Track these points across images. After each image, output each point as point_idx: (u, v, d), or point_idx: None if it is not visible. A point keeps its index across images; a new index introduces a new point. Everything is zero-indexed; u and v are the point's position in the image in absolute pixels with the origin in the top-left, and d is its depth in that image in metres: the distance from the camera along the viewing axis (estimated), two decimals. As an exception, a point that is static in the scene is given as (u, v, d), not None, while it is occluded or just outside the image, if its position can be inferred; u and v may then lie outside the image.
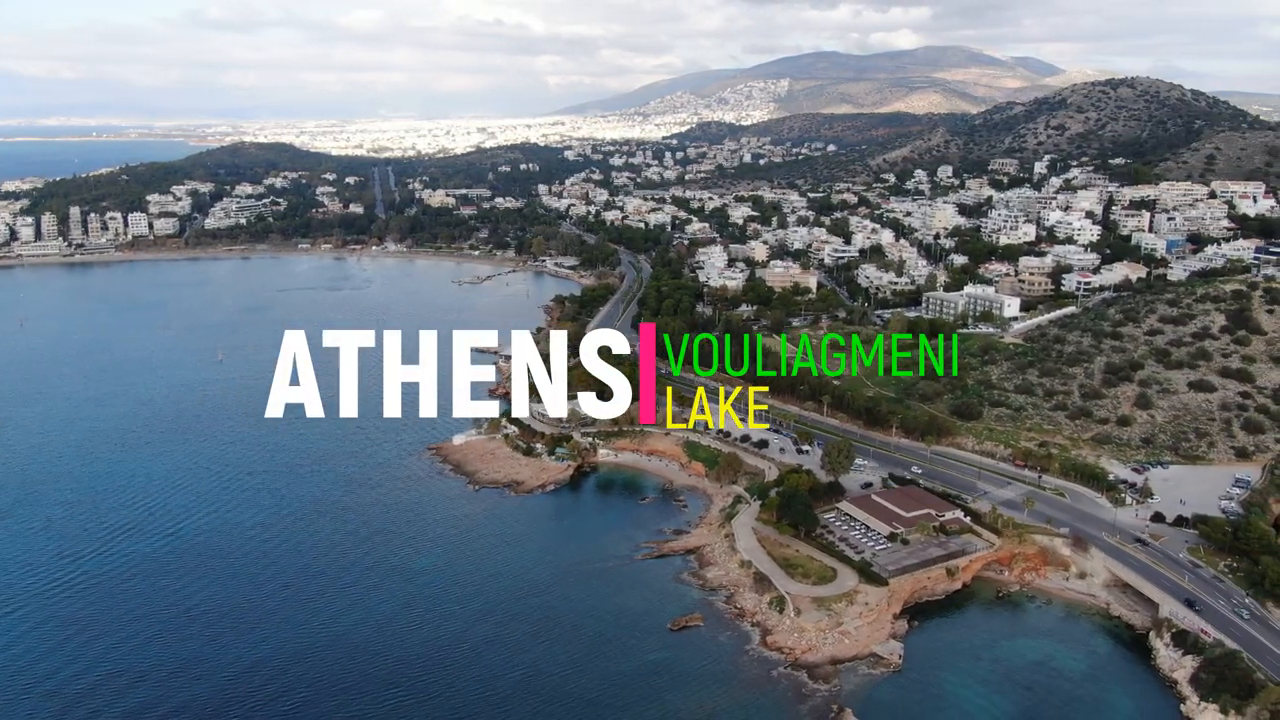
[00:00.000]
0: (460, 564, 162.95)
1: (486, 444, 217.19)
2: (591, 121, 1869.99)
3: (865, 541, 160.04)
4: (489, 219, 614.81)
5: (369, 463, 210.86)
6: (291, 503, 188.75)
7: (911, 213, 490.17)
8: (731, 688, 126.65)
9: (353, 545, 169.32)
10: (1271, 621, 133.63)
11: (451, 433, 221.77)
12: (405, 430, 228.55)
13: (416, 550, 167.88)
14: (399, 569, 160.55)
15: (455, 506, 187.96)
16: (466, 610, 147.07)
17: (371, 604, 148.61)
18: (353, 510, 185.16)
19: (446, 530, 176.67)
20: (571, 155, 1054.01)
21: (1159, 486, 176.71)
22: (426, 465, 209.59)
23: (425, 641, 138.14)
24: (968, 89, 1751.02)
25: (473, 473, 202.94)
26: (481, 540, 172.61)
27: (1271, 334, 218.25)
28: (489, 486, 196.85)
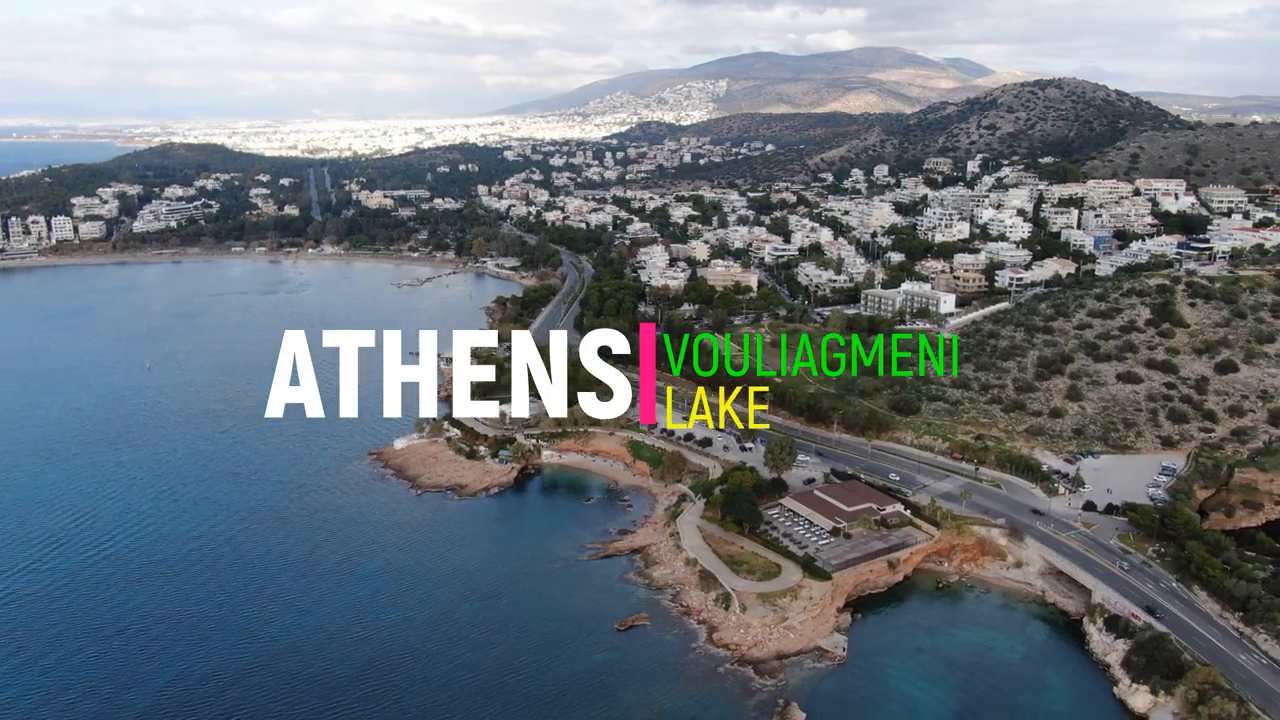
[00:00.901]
0: (405, 570, 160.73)
1: (428, 448, 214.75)
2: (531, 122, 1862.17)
3: (809, 537, 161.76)
4: (428, 220, 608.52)
5: (309, 469, 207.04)
6: (229, 512, 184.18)
7: (849, 211, 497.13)
8: (679, 685, 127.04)
9: (294, 554, 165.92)
10: (1197, 604, 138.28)
11: (392, 437, 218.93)
12: (345, 435, 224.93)
13: (360, 558, 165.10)
14: (342, 578, 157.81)
15: (398, 512, 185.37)
16: (412, 617, 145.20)
17: (315, 614, 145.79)
18: (293, 518, 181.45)
19: (390, 536, 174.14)
20: (511, 156, 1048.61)
21: (1090, 476, 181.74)
22: (367, 470, 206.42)
23: (371, 650, 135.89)
24: (902, 89, 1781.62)
25: (415, 477, 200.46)
26: (426, 545, 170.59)
27: (1194, 326, 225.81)
28: (432, 491, 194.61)
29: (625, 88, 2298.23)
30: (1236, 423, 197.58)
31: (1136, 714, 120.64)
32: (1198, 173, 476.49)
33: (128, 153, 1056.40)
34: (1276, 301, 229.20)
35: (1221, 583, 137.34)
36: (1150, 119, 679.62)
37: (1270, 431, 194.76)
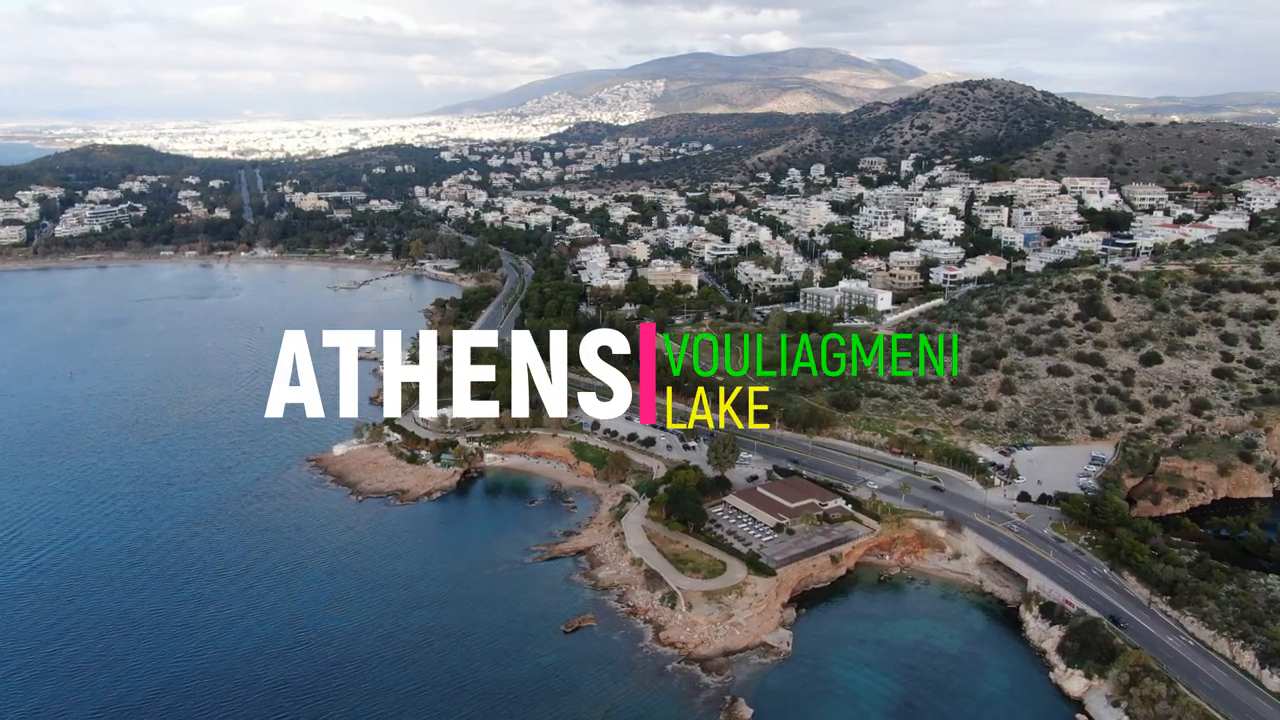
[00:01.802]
0: (345, 578, 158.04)
1: (368, 453, 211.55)
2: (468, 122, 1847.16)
3: (753, 533, 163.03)
4: (364, 222, 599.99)
5: (244, 478, 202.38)
6: (161, 524, 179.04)
7: (787, 210, 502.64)
8: (626, 685, 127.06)
9: (232, 565, 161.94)
10: (1127, 589, 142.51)
11: (331, 442, 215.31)
12: (283, 442, 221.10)
13: (298, 567, 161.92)
14: (280, 587, 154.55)
15: (338, 519, 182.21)
16: (354, 625, 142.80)
17: (250, 626, 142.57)
18: (228, 529, 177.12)
19: (329, 544, 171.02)
20: (449, 156, 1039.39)
21: (1024, 467, 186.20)
22: (306, 477, 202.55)
23: (312, 660, 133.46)
24: (837, 90, 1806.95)
25: (355, 483, 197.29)
26: (367, 552, 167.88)
27: (1119, 320, 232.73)
28: (373, 497, 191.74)
29: (563, 88, 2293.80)
30: (1161, 413, 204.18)
31: (1072, 698, 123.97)
32: (1120, 171, 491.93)
33: (48, 154, 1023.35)
34: (1197, 295, 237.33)
35: (1150, 568, 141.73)
36: (1075, 119, 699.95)
37: (1193, 421, 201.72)
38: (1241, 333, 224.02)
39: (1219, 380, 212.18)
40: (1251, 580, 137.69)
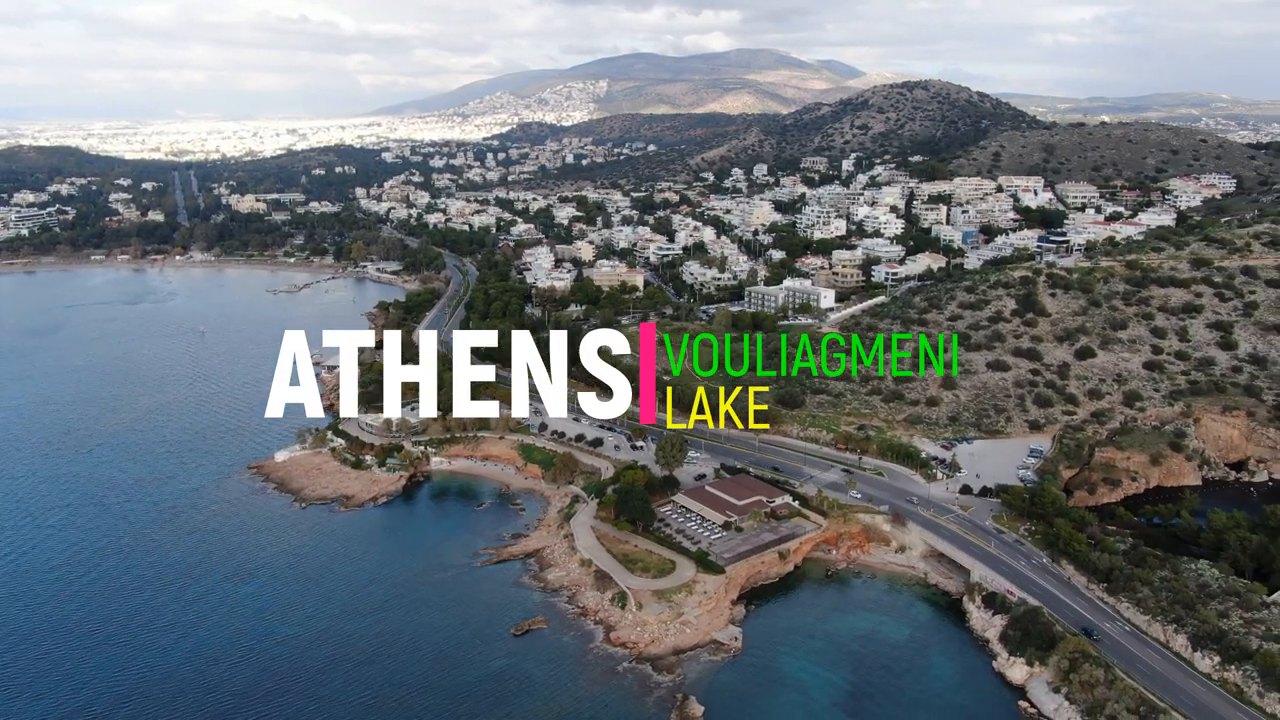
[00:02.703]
0: (290, 588, 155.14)
1: (312, 459, 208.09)
2: (409, 122, 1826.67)
3: (701, 532, 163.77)
4: (304, 224, 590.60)
5: (183, 487, 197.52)
6: (97, 538, 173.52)
7: (731, 210, 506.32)
8: (578, 687, 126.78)
9: (170, 578, 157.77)
10: (1066, 577, 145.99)
11: (273, 449, 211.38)
12: (222, 449, 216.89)
13: (242, 577, 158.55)
14: (222, 598, 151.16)
15: (281, 527, 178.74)
16: (299, 635, 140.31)
17: (191, 638, 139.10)
18: (167, 541, 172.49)
19: (273, 553, 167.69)
20: (390, 157, 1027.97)
21: (965, 461, 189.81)
22: (247, 485, 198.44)
23: (256, 671, 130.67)
24: (778, 90, 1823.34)
25: (298, 490, 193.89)
26: (311, 560, 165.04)
27: (1055, 316, 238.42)
28: (317, 503, 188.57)
29: (505, 88, 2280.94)
30: (1095, 405, 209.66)
31: (1014, 685, 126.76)
32: (1054, 170, 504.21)
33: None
34: (1127, 291, 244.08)
35: (1087, 556, 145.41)
36: (1010, 119, 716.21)
37: (1125, 412, 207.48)
38: (1170, 326, 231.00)
39: (1149, 373, 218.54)
40: (1183, 566, 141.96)
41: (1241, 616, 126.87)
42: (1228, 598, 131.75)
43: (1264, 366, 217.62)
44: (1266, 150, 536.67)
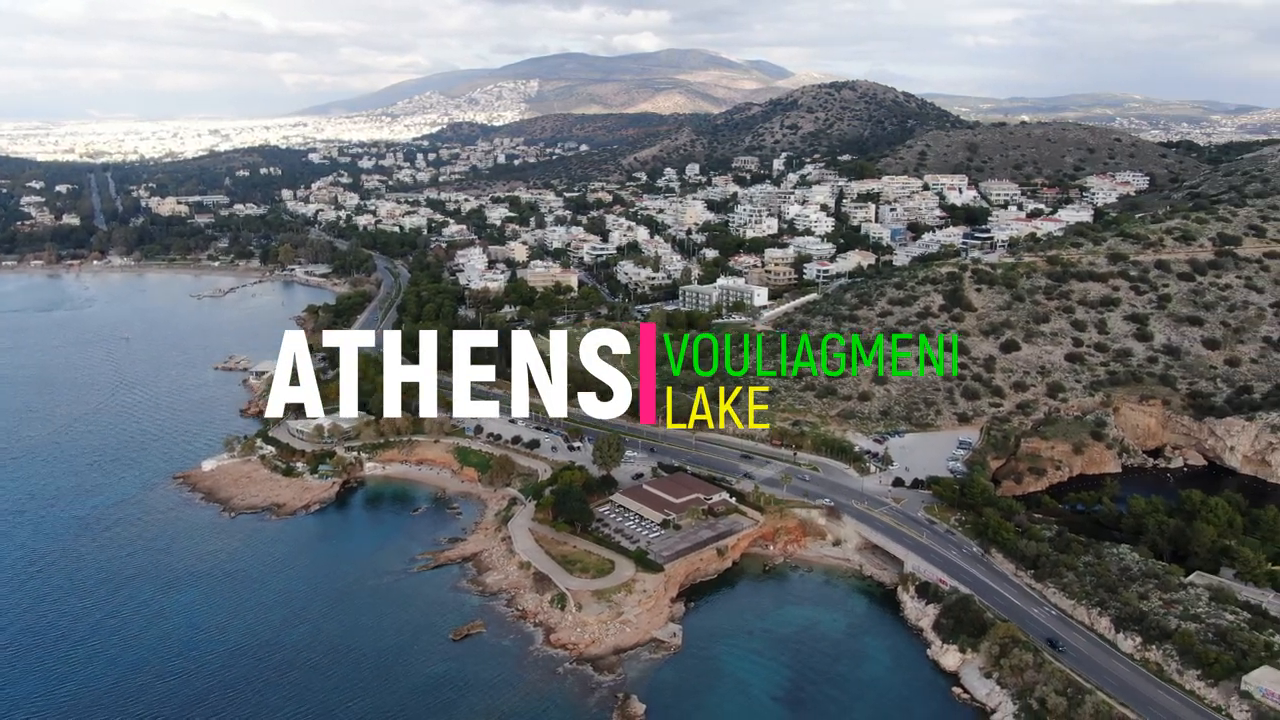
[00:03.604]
0: (219, 599, 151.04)
1: (241, 467, 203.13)
2: (336, 122, 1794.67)
3: (640, 531, 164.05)
4: (229, 227, 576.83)
5: (106, 499, 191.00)
6: (14, 553, 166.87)
7: (664, 209, 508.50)
8: (518, 690, 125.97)
9: (96, 594, 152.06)
10: (995, 565, 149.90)
11: (199, 458, 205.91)
12: (146, 460, 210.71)
13: (171, 590, 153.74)
14: (148, 613, 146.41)
15: (209, 538, 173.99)
16: (229, 647, 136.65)
17: (115, 655, 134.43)
18: (90, 555, 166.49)
19: (201, 564, 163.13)
20: (317, 158, 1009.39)
21: (897, 454, 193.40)
22: (173, 496, 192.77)
23: (183, 687, 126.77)
24: (709, 90, 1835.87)
25: (227, 499, 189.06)
26: (242, 571, 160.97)
27: (981, 310, 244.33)
28: (246, 512, 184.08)
29: (435, 88, 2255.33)
30: (1020, 397, 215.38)
31: (948, 672, 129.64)
32: (977, 168, 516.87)
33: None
34: (1049, 285, 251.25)
35: (1015, 544, 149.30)
36: (935, 119, 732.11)
37: (1049, 403, 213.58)
38: (1090, 319, 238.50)
39: (1071, 364, 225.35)
40: (1105, 551, 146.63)
41: (1160, 598, 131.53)
42: (1147, 580, 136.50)
43: (1178, 357, 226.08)
44: (1176, 149, 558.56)
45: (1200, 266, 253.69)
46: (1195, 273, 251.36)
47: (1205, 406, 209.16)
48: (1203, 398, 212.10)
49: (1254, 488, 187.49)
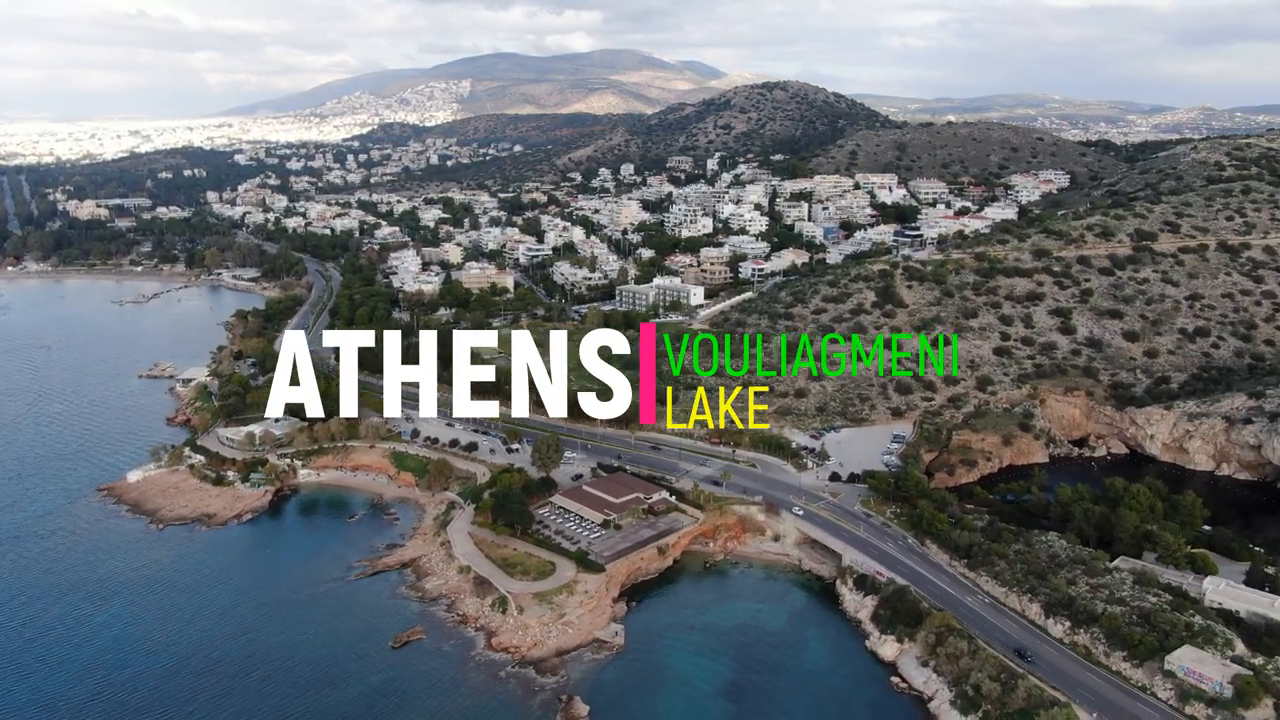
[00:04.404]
0: (149, 615, 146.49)
1: (168, 477, 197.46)
2: (263, 123, 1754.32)
3: (580, 532, 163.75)
4: (152, 230, 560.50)
5: (26, 514, 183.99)
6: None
7: (599, 210, 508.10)
8: (460, 696, 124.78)
9: (13, 614, 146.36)
10: (930, 556, 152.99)
11: (124, 469, 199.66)
12: (68, 472, 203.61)
13: (94, 606, 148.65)
14: (73, 632, 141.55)
15: (137, 551, 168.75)
16: (159, 664, 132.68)
17: (38, 678, 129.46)
18: (8, 572, 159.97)
19: (129, 579, 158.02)
20: (243, 159, 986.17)
21: (833, 449, 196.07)
22: (98, 509, 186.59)
23: (113, 709, 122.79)
24: (642, 90, 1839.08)
25: (154, 511, 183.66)
26: (172, 584, 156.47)
27: (912, 306, 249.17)
28: (175, 524, 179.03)
29: (364, 88, 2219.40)
30: (951, 391, 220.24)
31: (886, 662, 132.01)
32: (906, 167, 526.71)
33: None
34: (977, 281, 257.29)
35: (948, 535, 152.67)
36: (864, 119, 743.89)
37: (979, 396, 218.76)
38: (1016, 314, 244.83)
39: (999, 358, 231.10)
40: (1035, 539, 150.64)
41: (1087, 583, 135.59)
42: (1075, 566, 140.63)
43: (1100, 349, 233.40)
44: (1095, 148, 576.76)
45: (1119, 261, 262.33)
46: (1115, 267, 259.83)
47: (1126, 397, 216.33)
48: (1124, 388, 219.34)
49: (1173, 474, 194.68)
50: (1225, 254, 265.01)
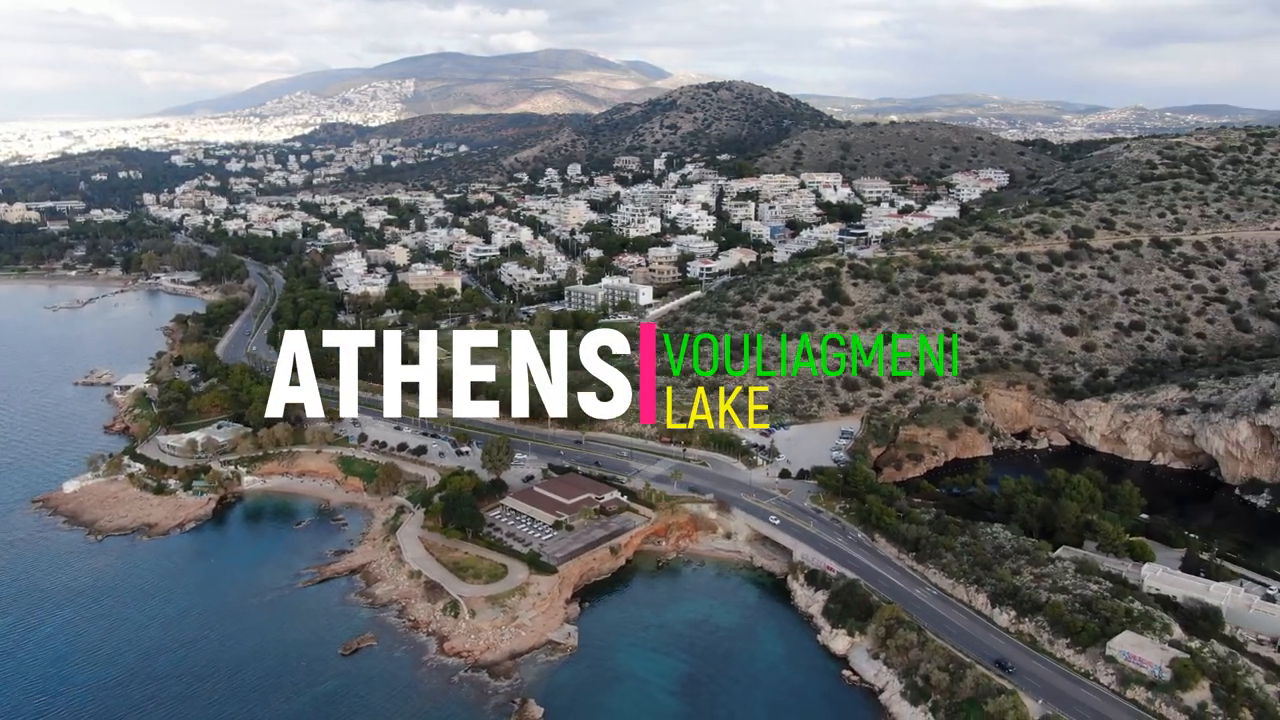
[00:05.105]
0: (89, 629, 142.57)
1: (107, 487, 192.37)
2: (201, 123, 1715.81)
3: (532, 533, 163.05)
4: (86, 234, 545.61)
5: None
6: None
7: (547, 210, 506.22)
8: (413, 702, 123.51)
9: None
10: (879, 550, 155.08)
11: (60, 479, 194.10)
12: (1, 483, 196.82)
13: (31, 621, 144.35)
14: (10, 649, 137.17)
15: (76, 563, 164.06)
16: (102, 679, 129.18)
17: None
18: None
19: (67, 592, 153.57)
20: (181, 160, 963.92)
21: (783, 446, 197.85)
22: (32, 521, 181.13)
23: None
24: (588, 90, 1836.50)
25: (93, 521, 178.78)
26: (113, 596, 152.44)
27: (858, 304, 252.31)
28: (115, 534, 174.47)
29: (306, 87, 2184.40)
30: (898, 386, 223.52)
31: (837, 655, 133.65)
32: (850, 166, 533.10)
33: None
34: (921, 278, 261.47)
35: (897, 528, 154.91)
36: (809, 119, 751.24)
37: (924, 391, 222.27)
38: (959, 310, 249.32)
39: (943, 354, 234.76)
40: (980, 530, 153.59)
41: (1031, 572, 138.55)
42: (1019, 556, 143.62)
43: (1040, 344, 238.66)
44: (1033, 147, 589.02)
45: (1058, 258, 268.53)
46: (1053, 264, 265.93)
47: (1066, 390, 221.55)
48: (1063, 381, 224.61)
49: (1111, 464, 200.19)
50: (1158, 250, 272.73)
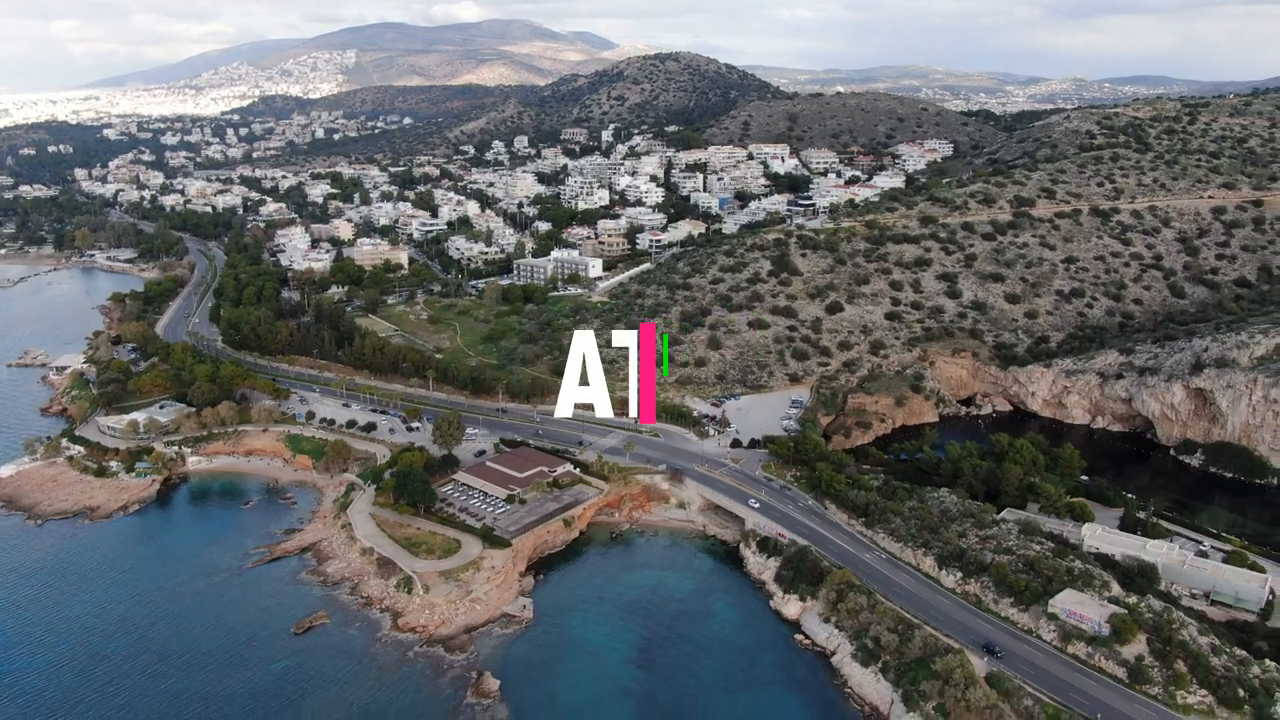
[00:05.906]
0: (29, 614, 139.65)
1: (45, 470, 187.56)
2: (134, 96, 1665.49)
3: (485, 508, 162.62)
4: (15, 210, 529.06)
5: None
6: None
7: (494, 183, 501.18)
8: (368, 678, 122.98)
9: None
10: (829, 516, 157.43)
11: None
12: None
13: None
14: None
15: (14, 548, 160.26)
16: (49, 666, 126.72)
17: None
18: None
19: (8, 580, 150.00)
20: (114, 134, 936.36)
21: (734, 416, 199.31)
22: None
23: None
24: (534, 62, 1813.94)
25: (31, 506, 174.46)
26: (53, 581, 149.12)
27: (807, 274, 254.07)
28: (56, 519, 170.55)
29: (243, 58, 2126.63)
30: (846, 356, 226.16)
31: (789, 620, 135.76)
32: (798, 138, 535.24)
33: None
34: (868, 248, 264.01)
35: (846, 495, 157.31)
36: (756, 90, 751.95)
37: (872, 360, 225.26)
38: (905, 279, 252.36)
39: (890, 323, 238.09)
40: (927, 495, 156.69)
41: (977, 535, 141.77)
42: (965, 519, 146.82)
43: (984, 312, 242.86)
44: (976, 118, 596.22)
45: (1001, 227, 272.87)
46: (996, 233, 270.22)
47: (1009, 356, 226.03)
48: (1006, 348, 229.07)
49: (1053, 428, 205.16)
50: (1097, 218, 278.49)
